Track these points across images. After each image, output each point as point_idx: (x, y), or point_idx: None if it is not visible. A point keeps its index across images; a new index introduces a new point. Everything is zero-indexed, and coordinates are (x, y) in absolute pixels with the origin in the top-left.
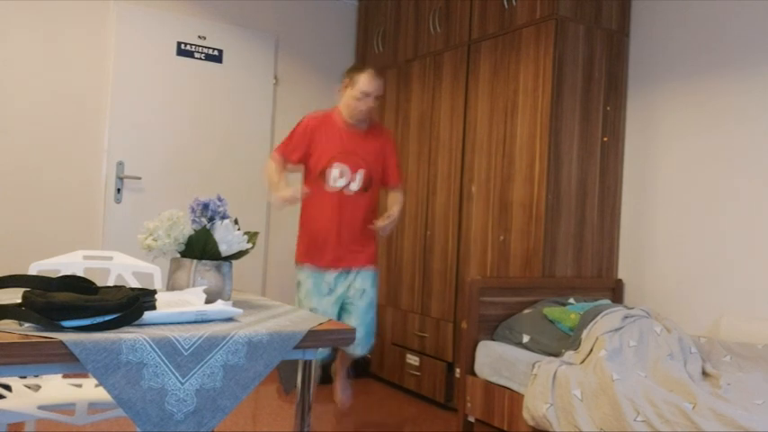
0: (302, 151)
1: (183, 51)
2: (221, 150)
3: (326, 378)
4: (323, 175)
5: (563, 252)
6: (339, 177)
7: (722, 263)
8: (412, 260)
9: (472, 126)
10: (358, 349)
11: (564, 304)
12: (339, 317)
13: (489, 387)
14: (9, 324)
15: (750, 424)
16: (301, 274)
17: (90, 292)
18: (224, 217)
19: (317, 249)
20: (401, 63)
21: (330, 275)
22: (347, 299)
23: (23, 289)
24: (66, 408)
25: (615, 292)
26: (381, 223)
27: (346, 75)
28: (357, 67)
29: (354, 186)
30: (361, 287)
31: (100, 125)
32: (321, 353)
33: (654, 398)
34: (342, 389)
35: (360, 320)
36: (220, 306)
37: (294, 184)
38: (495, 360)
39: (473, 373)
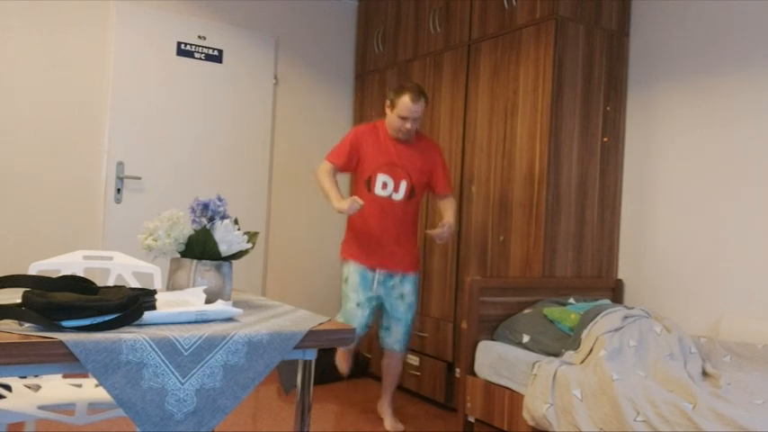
0: (350, 161)
1: (183, 51)
2: (221, 150)
3: (324, 378)
4: (368, 183)
5: (563, 252)
6: (383, 188)
7: (722, 263)
8: None
9: (472, 126)
10: (396, 346)
11: (564, 304)
12: (373, 315)
13: (489, 387)
14: (9, 324)
15: (750, 424)
16: (348, 269)
17: (90, 292)
18: (224, 217)
19: (363, 250)
20: (401, 63)
21: (373, 275)
22: (387, 301)
23: (23, 289)
24: (66, 408)
25: (615, 292)
26: (437, 231)
27: (390, 95)
28: (399, 89)
29: (398, 196)
30: (400, 292)
31: (100, 125)
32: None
33: (654, 398)
34: (390, 417)
35: (400, 322)
36: (220, 306)
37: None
38: (495, 360)
39: (473, 373)
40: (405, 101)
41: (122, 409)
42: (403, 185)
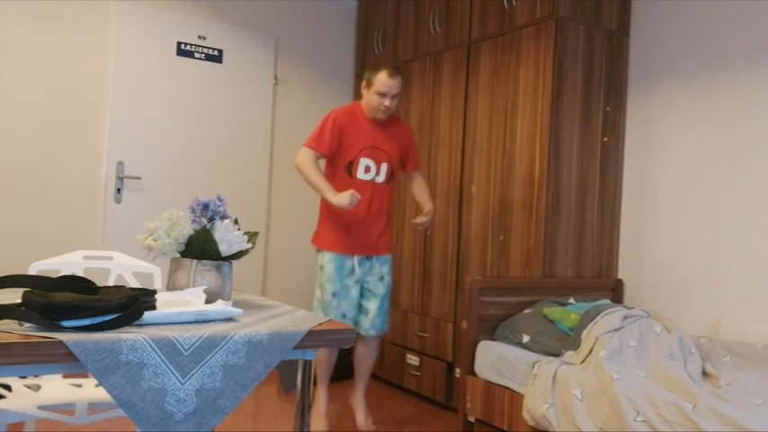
0: (334, 146)
1: (183, 51)
2: (221, 150)
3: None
4: (349, 168)
5: (563, 252)
6: (366, 172)
7: (722, 263)
8: (412, 260)
9: (472, 126)
10: (372, 331)
11: (564, 304)
12: (352, 303)
13: (489, 387)
14: (9, 324)
15: (750, 424)
16: (323, 258)
17: (90, 292)
18: (224, 217)
19: (341, 236)
20: (401, 63)
21: (351, 260)
22: (366, 283)
23: (23, 289)
24: (67, 408)
25: (615, 292)
26: (422, 219)
27: (366, 75)
28: (375, 67)
29: (379, 179)
30: (380, 273)
31: (100, 125)
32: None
33: (654, 398)
34: (363, 413)
35: (378, 303)
36: (220, 306)
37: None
38: (495, 360)
39: (473, 373)
40: (381, 77)
41: (122, 409)
42: (384, 168)
